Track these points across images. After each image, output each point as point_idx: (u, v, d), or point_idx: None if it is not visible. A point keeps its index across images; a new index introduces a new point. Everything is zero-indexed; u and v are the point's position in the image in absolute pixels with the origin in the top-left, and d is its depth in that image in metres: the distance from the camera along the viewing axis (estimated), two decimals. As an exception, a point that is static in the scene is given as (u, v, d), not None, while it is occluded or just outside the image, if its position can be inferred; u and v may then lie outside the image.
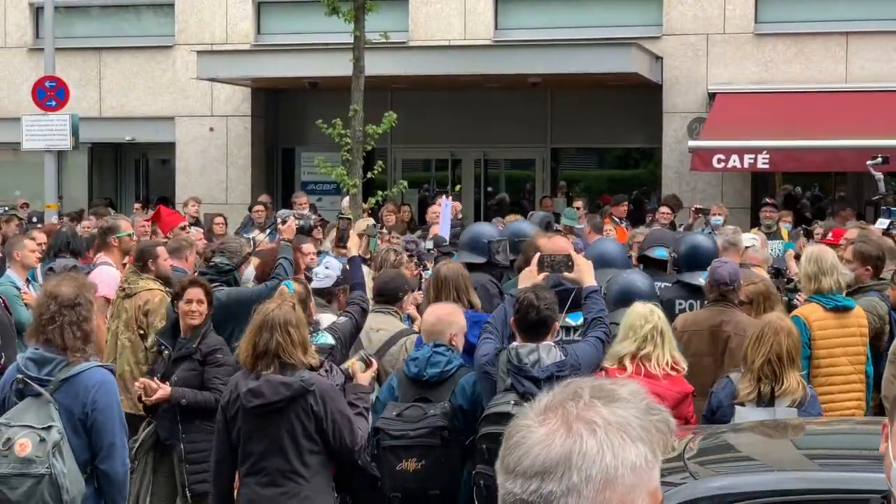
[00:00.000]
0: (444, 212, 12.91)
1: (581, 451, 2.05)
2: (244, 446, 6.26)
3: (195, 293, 8.04)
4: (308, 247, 10.68)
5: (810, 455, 5.91)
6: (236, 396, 6.25)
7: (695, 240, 9.45)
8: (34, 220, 17.71)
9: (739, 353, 6.96)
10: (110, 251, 10.34)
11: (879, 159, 13.21)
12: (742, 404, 6.58)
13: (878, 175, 13.17)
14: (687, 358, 7.31)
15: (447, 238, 12.07)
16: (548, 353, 6.30)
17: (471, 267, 8.40)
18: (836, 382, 7.82)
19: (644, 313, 6.87)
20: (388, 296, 8.26)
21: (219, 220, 16.34)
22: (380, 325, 8.15)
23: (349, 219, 10.44)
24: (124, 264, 10.15)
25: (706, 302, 8.23)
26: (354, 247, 8.85)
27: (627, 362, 6.77)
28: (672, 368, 6.76)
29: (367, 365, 6.77)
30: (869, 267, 8.82)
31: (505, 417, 6.13)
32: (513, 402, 6.18)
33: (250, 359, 6.23)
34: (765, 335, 6.65)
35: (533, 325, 6.38)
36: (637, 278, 8.08)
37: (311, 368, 6.28)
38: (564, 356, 6.32)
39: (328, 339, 7.28)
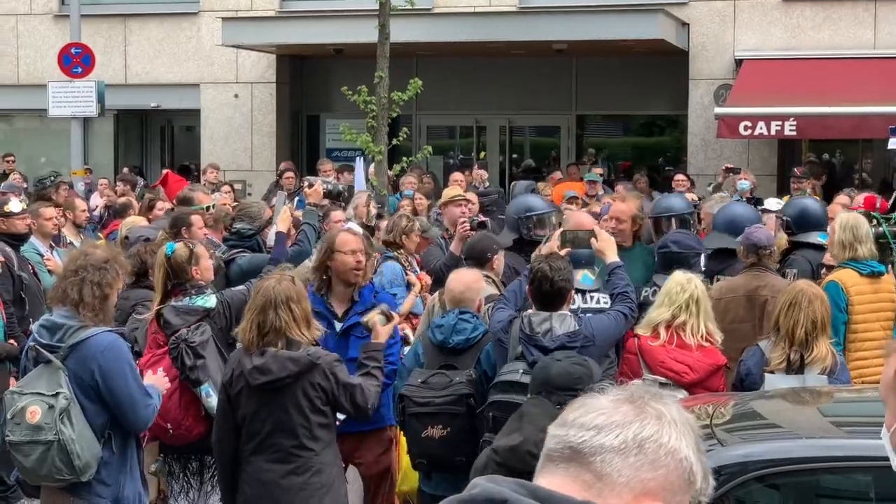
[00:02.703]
0: (357, 173, 13.38)
1: (642, 424, 2.08)
2: (249, 425, 6.19)
3: None
4: (337, 214, 10.69)
5: (837, 422, 5.90)
6: (240, 373, 6.17)
7: (803, 203, 9.73)
8: (90, 190, 17.82)
9: None
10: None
11: None
12: (772, 372, 6.57)
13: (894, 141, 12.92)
14: (724, 325, 7.33)
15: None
16: (561, 322, 6.29)
17: (508, 247, 8.33)
18: (870, 348, 7.81)
19: (682, 281, 6.85)
20: (476, 258, 8.17)
21: (226, 188, 16.30)
22: None
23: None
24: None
25: (742, 267, 8.23)
26: (282, 222, 8.64)
27: (662, 330, 6.76)
28: (707, 340, 6.73)
29: (388, 319, 6.69)
30: None
31: (513, 386, 6.13)
32: (521, 370, 6.17)
33: (256, 338, 6.15)
34: (798, 302, 6.63)
35: (547, 295, 6.37)
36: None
37: (314, 343, 6.24)
38: (579, 326, 6.29)
39: (209, 303, 7.27)
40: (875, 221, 8.56)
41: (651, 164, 21.79)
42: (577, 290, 7.04)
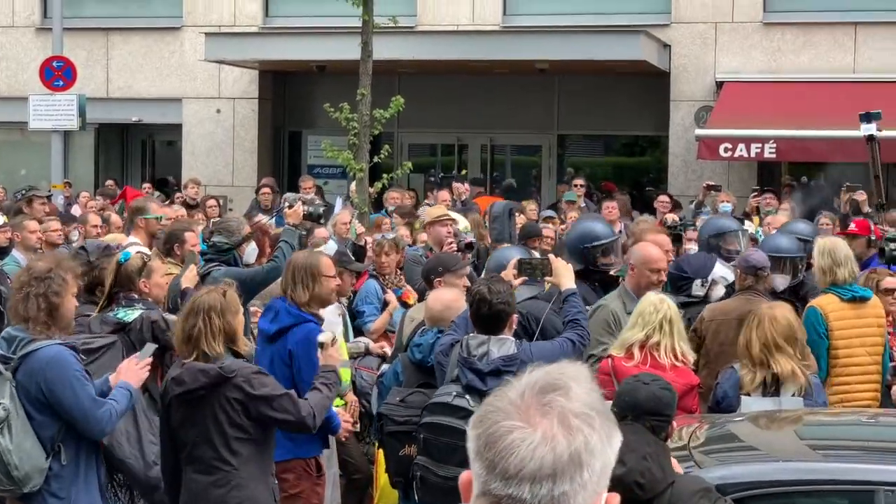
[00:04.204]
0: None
1: (589, 448, 2.07)
2: (179, 435, 6.19)
3: None
4: (321, 231, 10.69)
5: (814, 446, 5.93)
6: (168, 383, 6.19)
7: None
8: (69, 203, 17.77)
9: None
10: (137, 232, 10.30)
11: None
12: (748, 394, 6.60)
13: None
14: (714, 347, 7.37)
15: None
16: (499, 346, 6.22)
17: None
18: (854, 373, 7.80)
19: (655, 302, 6.87)
20: (424, 279, 8.15)
21: (211, 202, 16.30)
22: None
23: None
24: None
25: (736, 290, 8.28)
26: (187, 280, 8.38)
27: (636, 350, 6.77)
28: (680, 360, 6.75)
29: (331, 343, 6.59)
30: None
31: (445, 408, 6.11)
32: (454, 393, 6.14)
33: (179, 345, 6.16)
34: (752, 324, 6.71)
35: (486, 318, 6.30)
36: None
37: (238, 356, 6.17)
38: (517, 350, 6.23)
39: (127, 317, 7.24)
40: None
41: (632, 184, 21.84)
42: None
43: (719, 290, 8.63)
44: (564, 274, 6.96)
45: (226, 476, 6.06)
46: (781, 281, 8.75)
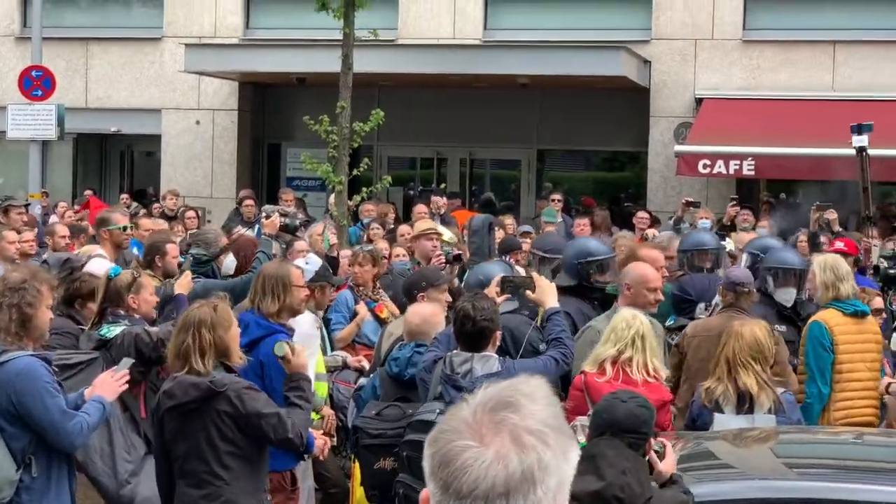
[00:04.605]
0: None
1: (542, 465, 2.06)
2: (171, 448, 6.18)
3: None
4: (300, 244, 10.67)
5: (790, 464, 5.93)
6: (161, 396, 6.19)
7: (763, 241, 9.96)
8: (46, 213, 17.69)
9: None
10: (102, 244, 10.24)
11: None
12: (721, 411, 6.59)
13: None
14: (695, 363, 7.36)
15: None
16: (483, 364, 6.20)
17: (564, 291, 7.95)
18: (856, 388, 7.80)
19: (627, 318, 6.86)
20: (405, 295, 8.13)
21: (190, 213, 16.26)
22: None
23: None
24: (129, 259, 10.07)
25: (721, 307, 8.28)
26: (181, 286, 8.38)
27: (608, 366, 6.75)
28: (653, 376, 6.74)
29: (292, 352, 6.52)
30: None
31: (429, 426, 6.07)
32: (438, 410, 6.11)
33: (171, 359, 6.15)
34: (732, 342, 6.78)
35: (470, 335, 6.28)
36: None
37: (230, 370, 6.15)
38: (501, 368, 6.19)
39: (109, 333, 7.22)
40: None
41: (611, 199, 21.87)
42: None
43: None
44: (547, 292, 6.95)
45: (217, 490, 6.04)
46: (786, 295, 8.70)
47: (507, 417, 2.08)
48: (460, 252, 10.41)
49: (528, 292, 7.08)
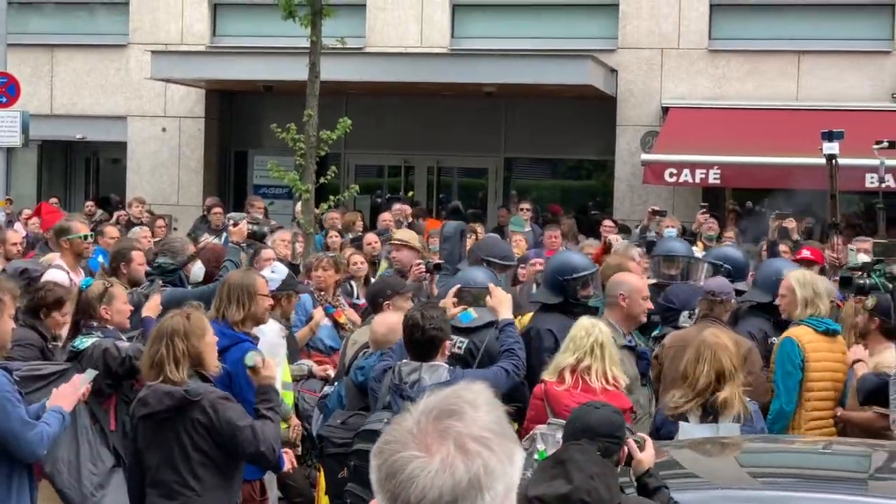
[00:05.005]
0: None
1: (488, 471, 2.07)
2: (144, 457, 6.13)
3: None
4: (268, 252, 10.64)
5: (754, 473, 5.94)
6: (134, 405, 6.16)
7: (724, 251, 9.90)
8: (11, 221, 17.56)
9: None
10: (62, 253, 10.14)
11: (885, 143, 12.98)
12: (686, 420, 6.59)
13: (884, 161, 12.89)
14: (671, 373, 7.34)
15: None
16: (431, 374, 6.19)
17: (547, 308, 7.90)
18: (824, 408, 7.73)
19: (586, 326, 6.86)
20: (370, 302, 8.10)
21: (160, 222, 16.20)
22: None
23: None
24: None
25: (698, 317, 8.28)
26: (148, 310, 8.26)
27: (567, 374, 6.74)
28: (612, 384, 6.74)
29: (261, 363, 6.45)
30: None
31: (376, 435, 6.03)
32: (385, 420, 6.09)
33: (146, 370, 6.11)
34: (703, 353, 6.68)
35: (419, 344, 6.27)
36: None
37: (205, 379, 6.12)
38: (450, 378, 6.17)
39: (81, 345, 7.18)
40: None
41: (577, 208, 21.92)
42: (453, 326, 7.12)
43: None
44: (503, 303, 6.94)
45: (187, 501, 5.98)
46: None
47: (450, 425, 2.09)
48: (440, 262, 10.41)
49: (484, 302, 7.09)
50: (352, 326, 9.84)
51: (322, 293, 10.11)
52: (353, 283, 11.39)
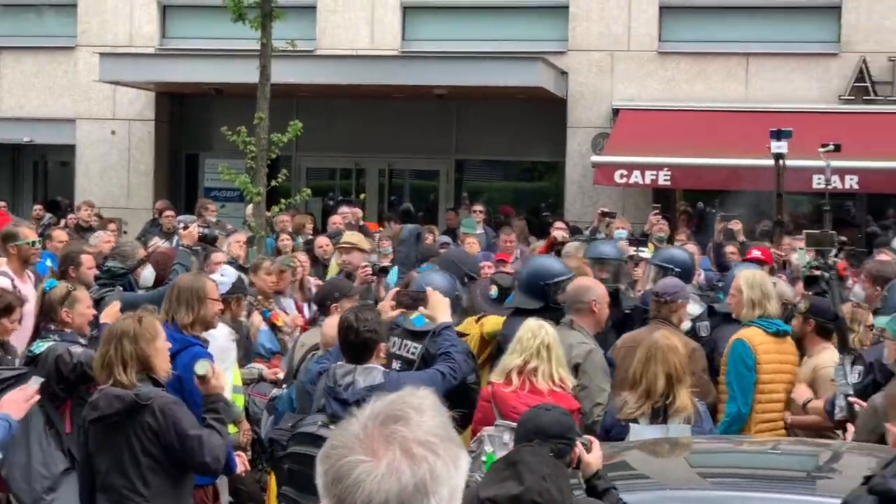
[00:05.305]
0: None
1: (434, 475, 2.10)
2: (94, 461, 6.08)
3: None
4: (218, 256, 10.60)
5: (704, 473, 5.98)
6: (86, 408, 6.13)
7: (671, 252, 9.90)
8: None
9: None
10: (9, 259, 10.03)
11: (831, 146, 13.09)
12: (636, 421, 6.62)
13: (829, 163, 12.98)
14: (621, 373, 7.35)
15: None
16: (365, 376, 6.17)
17: (525, 313, 7.81)
18: (776, 409, 7.75)
19: (533, 328, 6.87)
20: (318, 305, 8.06)
21: (110, 226, 16.09)
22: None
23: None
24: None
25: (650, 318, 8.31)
26: (107, 317, 8.04)
27: (514, 376, 6.75)
28: (559, 385, 6.76)
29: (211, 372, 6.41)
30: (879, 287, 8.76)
31: (311, 438, 6.06)
32: (319, 422, 6.10)
33: (98, 372, 6.08)
34: (653, 354, 6.70)
35: (353, 346, 6.25)
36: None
37: (158, 384, 6.08)
38: (384, 380, 6.16)
39: (37, 349, 7.15)
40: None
41: (529, 209, 21.97)
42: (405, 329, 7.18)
43: (684, 325, 8.62)
44: (439, 307, 6.95)
45: None
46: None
47: (397, 430, 2.12)
48: (387, 266, 10.42)
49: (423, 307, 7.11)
50: (289, 328, 9.86)
51: (259, 298, 10.09)
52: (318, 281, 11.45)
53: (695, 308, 8.73)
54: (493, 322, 8.25)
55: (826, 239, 8.92)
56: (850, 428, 6.97)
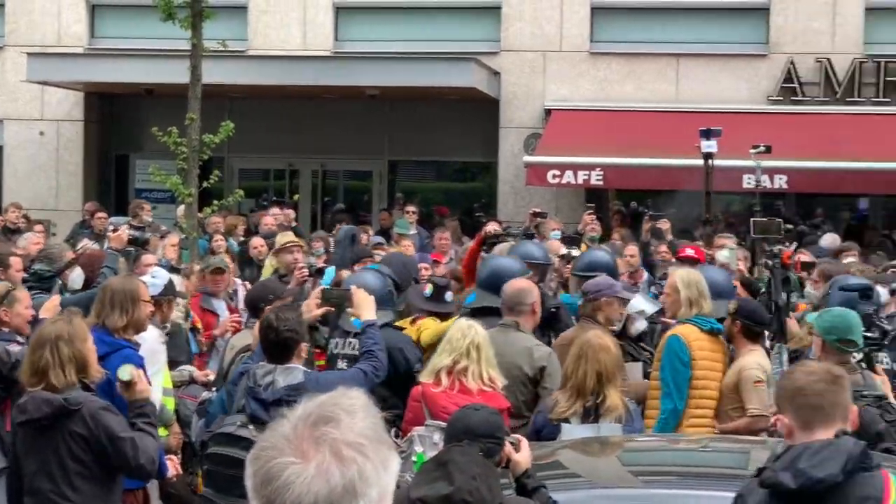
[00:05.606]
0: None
1: (363, 477, 2.10)
2: (22, 464, 6.02)
3: None
4: (149, 258, 10.49)
5: (635, 472, 6.01)
6: (14, 410, 6.06)
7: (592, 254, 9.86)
8: None
9: None
10: None
11: (762, 147, 13.20)
12: (567, 421, 6.63)
13: (760, 163, 13.09)
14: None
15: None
16: (285, 376, 6.16)
17: (489, 311, 7.89)
18: (708, 406, 7.79)
19: (463, 328, 6.89)
20: (250, 308, 8.04)
21: (38, 227, 15.89)
22: None
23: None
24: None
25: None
26: (46, 311, 7.96)
27: (443, 376, 6.76)
28: (488, 385, 6.77)
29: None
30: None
31: (230, 439, 6.04)
32: (238, 423, 6.09)
33: (27, 377, 5.99)
34: (584, 353, 6.73)
35: (273, 345, 6.25)
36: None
37: (87, 388, 6.00)
38: (304, 380, 6.15)
39: None
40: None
41: (462, 210, 21.99)
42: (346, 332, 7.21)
43: (640, 324, 8.60)
44: (364, 305, 6.95)
45: None
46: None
47: (326, 432, 2.12)
48: (323, 267, 10.39)
49: (348, 306, 7.11)
50: (218, 332, 9.83)
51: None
52: (245, 283, 11.39)
53: (648, 307, 8.76)
54: (433, 331, 8.25)
55: (772, 227, 9.02)
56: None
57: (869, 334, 7.43)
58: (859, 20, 19.75)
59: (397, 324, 8.29)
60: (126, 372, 6.14)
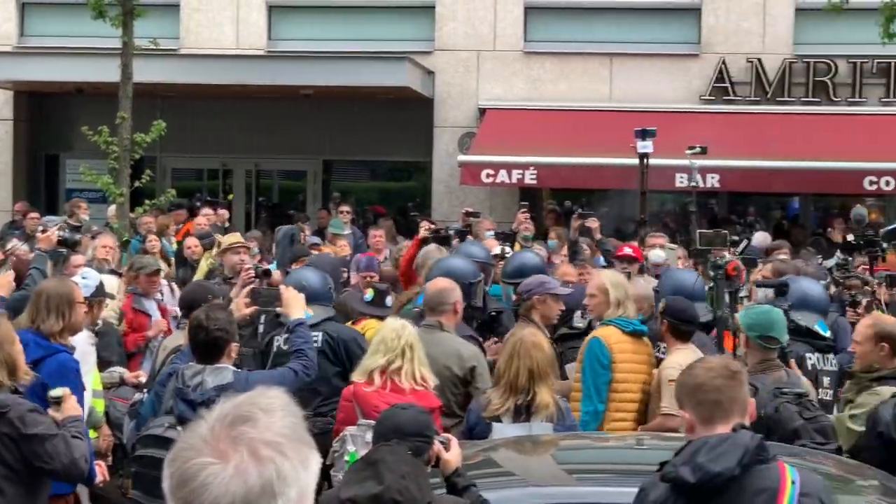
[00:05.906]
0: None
1: (281, 476, 2.08)
2: None
3: None
4: (77, 259, 10.37)
5: (569, 470, 6.02)
6: None
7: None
8: None
9: None
10: None
11: (698, 148, 13.26)
12: (499, 420, 6.64)
13: (695, 163, 13.14)
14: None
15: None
16: (215, 376, 6.12)
17: None
18: (629, 409, 7.78)
19: (397, 328, 6.88)
20: (187, 309, 8.00)
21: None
22: None
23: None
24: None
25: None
26: (0, 288, 8.08)
27: (376, 376, 6.74)
28: (420, 384, 6.77)
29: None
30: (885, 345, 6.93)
31: (157, 441, 6.00)
32: (166, 424, 6.06)
33: None
34: (516, 351, 6.75)
35: (203, 344, 6.21)
36: None
37: (14, 391, 5.90)
38: (233, 380, 6.11)
39: None
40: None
41: (397, 209, 21.99)
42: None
43: (581, 324, 8.62)
44: (293, 304, 6.93)
45: None
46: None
47: (244, 432, 2.10)
48: (268, 268, 10.33)
49: (278, 304, 7.09)
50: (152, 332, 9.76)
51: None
52: (171, 284, 11.28)
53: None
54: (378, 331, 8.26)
55: (718, 239, 9.06)
56: None
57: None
58: (789, 21, 19.97)
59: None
60: (57, 391, 6.09)
